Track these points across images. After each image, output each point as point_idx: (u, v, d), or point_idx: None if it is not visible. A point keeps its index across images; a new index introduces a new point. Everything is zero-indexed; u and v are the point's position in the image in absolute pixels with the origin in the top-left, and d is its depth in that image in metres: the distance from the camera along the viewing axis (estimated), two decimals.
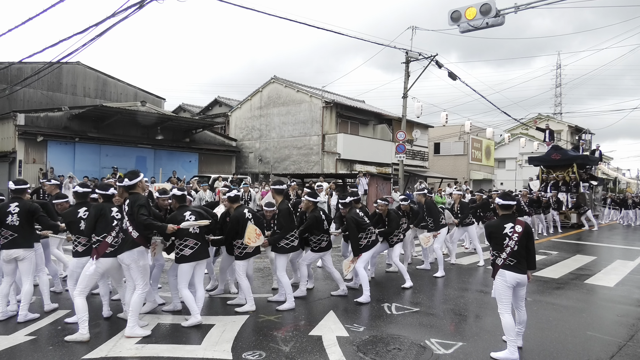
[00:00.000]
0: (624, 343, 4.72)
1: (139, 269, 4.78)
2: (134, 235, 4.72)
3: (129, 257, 4.73)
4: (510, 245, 4.34)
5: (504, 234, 4.39)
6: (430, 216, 8.28)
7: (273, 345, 4.49)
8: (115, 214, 4.96)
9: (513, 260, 4.35)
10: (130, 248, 4.72)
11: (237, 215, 5.64)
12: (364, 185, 17.99)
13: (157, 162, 21.79)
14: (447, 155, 36.44)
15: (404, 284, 7.06)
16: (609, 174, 45.39)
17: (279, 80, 26.03)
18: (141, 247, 4.76)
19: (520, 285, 4.42)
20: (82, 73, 25.71)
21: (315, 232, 6.33)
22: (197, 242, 5.18)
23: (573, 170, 18.97)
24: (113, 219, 4.91)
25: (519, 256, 4.35)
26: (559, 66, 55.38)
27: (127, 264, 4.78)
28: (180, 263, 5.17)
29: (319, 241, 6.35)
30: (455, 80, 17.35)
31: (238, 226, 5.60)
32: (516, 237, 4.34)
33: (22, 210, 5.18)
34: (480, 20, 8.19)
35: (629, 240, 14.58)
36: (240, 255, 5.68)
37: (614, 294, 6.98)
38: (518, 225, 4.41)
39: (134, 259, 4.73)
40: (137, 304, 4.72)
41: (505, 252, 4.35)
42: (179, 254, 5.14)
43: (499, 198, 4.67)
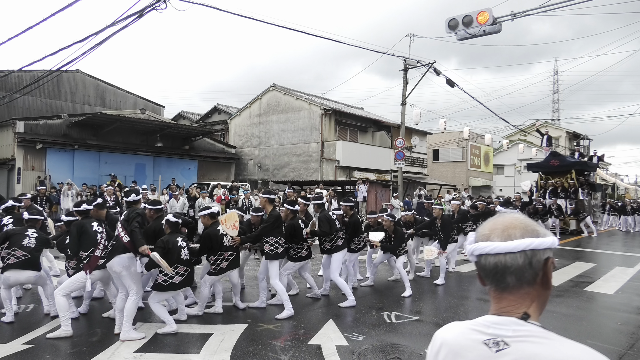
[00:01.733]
0: (624, 352, 4.70)
1: (130, 275, 4.81)
2: (125, 240, 4.75)
3: (119, 263, 4.76)
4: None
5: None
6: (443, 232, 8.12)
7: (272, 354, 4.46)
8: (97, 227, 5.07)
9: None
10: (121, 253, 4.77)
11: (210, 232, 5.70)
12: (363, 192, 18.01)
13: (157, 169, 21.78)
14: (446, 162, 36.48)
15: (404, 293, 7.03)
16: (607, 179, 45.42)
17: (278, 87, 26.11)
18: (131, 253, 4.80)
19: None
20: (82, 81, 25.76)
21: (294, 241, 6.34)
22: (187, 269, 5.29)
23: (572, 176, 19.00)
24: (95, 233, 5.02)
25: None
26: (556, 72, 55.72)
27: (118, 271, 4.81)
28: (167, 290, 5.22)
29: (299, 250, 6.36)
30: (454, 87, 17.43)
31: (210, 243, 5.67)
32: None
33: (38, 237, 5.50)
34: (477, 28, 8.25)
35: (628, 247, 14.56)
36: (214, 272, 5.73)
37: (614, 302, 6.96)
38: None
39: (125, 265, 4.77)
40: (132, 309, 4.73)
41: None
42: (167, 282, 5.15)
43: (500, 206, 4.66)
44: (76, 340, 4.75)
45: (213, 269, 5.74)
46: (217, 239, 5.70)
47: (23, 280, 5.42)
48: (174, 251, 5.23)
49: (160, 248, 5.14)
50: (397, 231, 7.36)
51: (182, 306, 5.67)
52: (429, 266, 8.75)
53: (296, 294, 6.94)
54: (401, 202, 18.26)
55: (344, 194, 19.98)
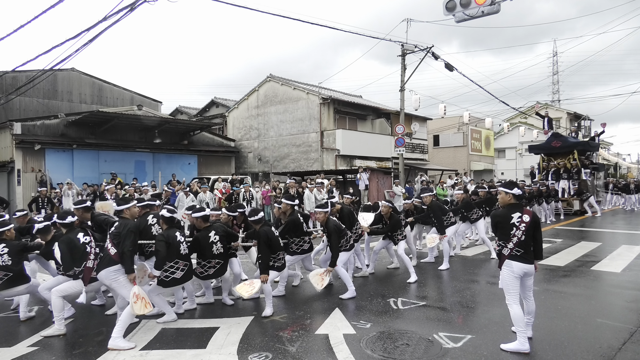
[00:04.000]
0: (635, 329, 4.65)
1: (120, 285, 4.73)
2: (112, 252, 4.68)
3: (106, 275, 4.70)
4: (517, 235, 4.25)
5: (511, 223, 4.30)
6: (435, 218, 8.08)
7: (279, 346, 4.42)
8: (84, 238, 5.02)
9: (520, 250, 4.26)
10: (107, 266, 4.69)
11: (200, 237, 5.64)
12: (364, 180, 17.93)
13: (156, 165, 21.70)
14: (446, 147, 36.31)
15: (409, 279, 6.99)
16: (609, 159, 45.27)
17: (275, 78, 25.91)
18: (118, 265, 4.69)
19: (528, 276, 4.35)
20: (77, 79, 25.60)
21: (297, 234, 6.30)
22: (186, 264, 5.28)
23: (574, 157, 18.90)
24: (84, 245, 4.98)
25: (526, 246, 4.27)
26: (555, 53, 55.22)
27: (107, 284, 4.79)
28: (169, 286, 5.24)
29: (300, 244, 6.33)
30: (452, 71, 17.25)
31: (199, 247, 5.62)
32: (523, 227, 4.25)
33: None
34: (475, 9, 8.09)
35: (633, 225, 14.51)
36: (200, 276, 5.65)
37: (621, 280, 6.91)
38: (525, 214, 4.32)
39: (112, 277, 4.69)
40: (127, 317, 4.60)
41: (512, 242, 4.27)
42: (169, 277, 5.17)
43: (502, 187, 4.58)
44: (82, 341, 4.71)
45: (200, 272, 5.65)
46: (207, 245, 5.61)
47: (14, 294, 5.46)
48: (174, 246, 5.22)
49: (163, 242, 5.11)
50: (392, 217, 7.33)
51: (181, 302, 5.66)
52: (432, 252, 8.71)
53: (299, 283, 6.96)
54: (403, 189, 18.18)
55: (345, 183, 19.90)
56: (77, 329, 5.10)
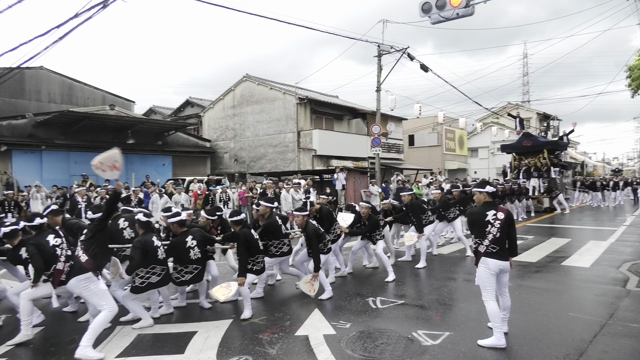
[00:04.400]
0: (605, 322, 4.82)
1: (91, 295, 4.57)
2: (83, 260, 4.52)
3: (76, 284, 4.53)
4: (492, 232, 4.36)
5: (486, 221, 4.41)
6: (414, 216, 8.21)
7: (259, 348, 4.39)
8: (54, 240, 4.90)
9: (495, 247, 4.36)
10: (77, 274, 4.52)
11: (176, 242, 5.54)
12: (341, 180, 17.99)
13: (130, 166, 21.21)
14: (421, 147, 36.82)
15: (387, 278, 7.05)
16: (576, 158, 46.77)
17: (252, 78, 25.73)
18: (89, 273, 4.51)
19: (503, 273, 4.46)
20: (46, 78, 24.78)
21: (275, 237, 6.26)
22: (163, 268, 5.21)
23: (544, 156, 19.44)
24: (54, 247, 4.86)
25: (501, 243, 4.38)
26: (525, 55, 56.74)
27: (78, 293, 4.65)
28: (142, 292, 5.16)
29: (280, 246, 6.28)
30: (427, 72, 17.49)
31: (176, 253, 5.54)
32: (498, 224, 4.36)
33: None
34: (450, 11, 8.23)
35: (600, 221, 15.03)
36: (176, 282, 5.56)
37: (590, 274, 7.15)
38: (500, 212, 4.43)
39: (82, 286, 4.52)
40: (99, 325, 4.44)
41: (488, 239, 4.38)
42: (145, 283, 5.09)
43: (476, 188, 4.71)
44: (54, 350, 4.56)
45: (175, 277, 5.55)
46: (184, 250, 5.49)
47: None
48: (152, 251, 5.13)
49: (139, 249, 5.01)
50: (371, 218, 7.39)
51: (157, 306, 5.55)
52: (409, 250, 8.81)
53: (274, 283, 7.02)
54: (379, 189, 18.33)
55: (322, 183, 19.93)
56: (48, 337, 4.93)
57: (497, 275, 4.43)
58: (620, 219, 15.50)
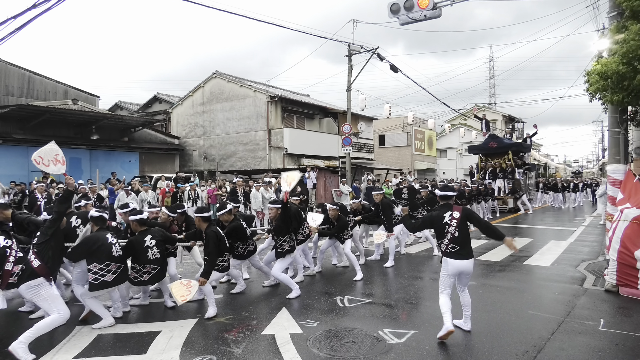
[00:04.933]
0: (562, 319, 4.99)
1: (42, 300, 4.39)
2: (35, 265, 4.35)
3: (27, 290, 4.35)
4: (450, 232, 4.46)
5: (444, 223, 4.51)
6: (385, 216, 8.30)
7: (224, 348, 4.32)
8: (4, 242, 4.68)
9: (455, 246, 4.45)
10: (27, 280, 4.33)
11: (134, 241, 5.43)
12: (312, 179, 17.99)
13: (94, 163, 20.54)
14: (391, 147, 37.26)
15: (355, 277, 7.08)
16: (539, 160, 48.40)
17: (221, 75, 25.38)
18: (40, 278, 4.34)
19: (464, 274, 4.55)
20: (4, 70, 23.63)
21: (240, 239, 6.29)
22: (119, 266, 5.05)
23: (509, 157, 20.03)
24: (4, 248, 4.64)
25: (460, 242, 4.45)
26: (491, 59, 58.24)
27: (28, 298, 4.46)
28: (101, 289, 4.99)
29: (245, 247, 6.38)
30: (397, 72, 17.71)
31: (134, 251, 5.41)
32: (455, 224, 4.46)
33: None
34: (418, 13, 8.34)
35: (560, 222, 15.60)
36: (134, 282, 5.43)
37: (550, 273, 7.40)
38: (455, 211, 4.53)
39: (33, 292, 4.34)
40: (46, 325, 4.29)
41: (447, 238, 4.48)
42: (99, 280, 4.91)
43: (438, 190, 4.82)
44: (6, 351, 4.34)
45: (134, 277, 5.42)
46: (142, 250, 5.37)
47: None
48: (104, 249, 4.95)
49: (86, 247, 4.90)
50: (340, 219, 7.42)
51: (118, 303, 5.40)
52: (378, 249, 8.89)
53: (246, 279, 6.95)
54: (350, 188, 18.43)
55: None
56: (1, 339, 4.70)
57: (459, 275, 4.54)
58: (579, 220, 16.13)
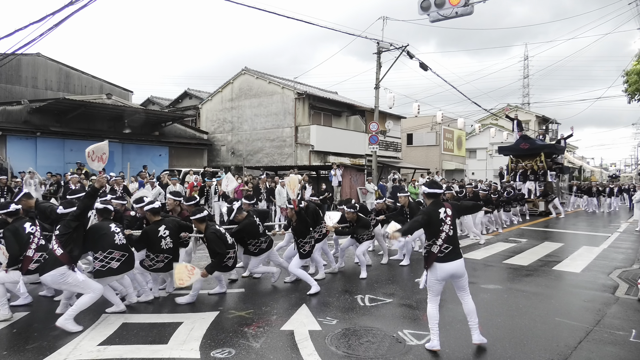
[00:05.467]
0: (591, 328, 4.80)
1: (73, 287, 4.63)
2: (58, 253, 4.54)
3: (53, 279, 4.56)
4: (445, 230, 4.17)
5: (440, 219, 4.21)
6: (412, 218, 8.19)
7: (243, 342, 4.36)
8: (30, 228, 4.94)
9: (449, 246, 4.16)
10: (52, 268, 4.54)
11: (149, 230, 5.62)
12: (338, 177, 17.95)
13: (125, 156, 21.12)
14: (419, 146, 36.81)
15: (361, 275, 7.11)
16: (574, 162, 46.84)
17: (250, 71, 25.63)
18: (64, 266, 4.55)
19: (457, 277, 4.21)
20: (43, 65, 24.62)
21: (254, 236, 6.37)
22: (123, 254, 5.19)
23: (541, 159, 19.42)
24: (29, 234, 4.90)
25: (453, 241, 4.21)
26: (526, 57, 56.67)
27: (56, 287, 4.66)
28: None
29: (258, 244, 6.41)
30: (427, 70, 17.44)
31: (148, 241, 5.60)
32: (449, 221, 4.22)
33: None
34: (449, 10, 8.17)
35: (594, 227, 15.04)
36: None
37: (580, 280, 7.14)
38: (447, 208, 4.29)
39: (59, 281, 4.55)
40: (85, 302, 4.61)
41: (441, 238, 4.15)
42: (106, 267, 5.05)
43: (424, 187, 4.50)
44: (36, 335, 4.53)
45: (149, 265, 5.66)
46: (156, 239, 5.57)
47: None
48: (107, 237, 5.12)
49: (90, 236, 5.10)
50: (359, 220, 7.35)
51: (130, 289, 5.58)
52: (402, 250, 8.78)
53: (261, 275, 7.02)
54: (375, 187, 18.31)
55: (318, 179, 19.89)
56: (31, 323, 4.89)
57: (454, 281, 4.23)
58: (614, 225, 15.51)
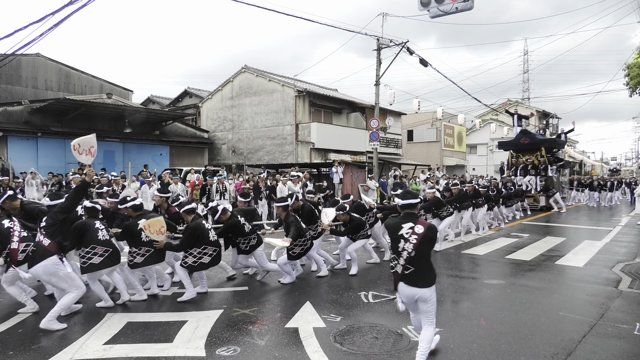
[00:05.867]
0: (595, 322, 4.82)
1: (61, 281, 4.62)
2: (46, 244, 4.55)
3: (44, 270, 4.56)
4: (407, 249, 3.60)
5: (399, 235, 3.67)
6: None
7: (248, 339, 4.38)
8: (9, 223, 5.05)
9: (409, 267, 3.61)
10: (41, 259, 4.56)
11: (130, 224, 5.73)
12: (339, 174, 17.96)
13: (126, 156, 21.15)
14: (420, 142, 36.80)
15: (351, 271, 7.14)
16: (575, 157, 46.82)
17: (250, 69, 25.60)
18: (54, 256, 4.57)
19: (421, 301, 3.65)
20: (43, 65, 24.61)
21: (240, 235, 6.42)
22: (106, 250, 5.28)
23: (541, 153, 19.39)
24: (8, 229, 5.00)
25: (417, 264, 3.61)
26: (525, 52, 56.52)
27: (46, 279, 4.66)
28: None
29: (247, 242, 6.44)
30: (427, 66, 17.42)
31: (129, 234, 5.70)
32: (414, 240, 3.59)
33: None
34: (449, 5, 8.15)
35: (595, 221, 15.05)
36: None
37: (583, 274, 7.15)
38: (419, 225, 3.65)
39: (51, 271, 4.56)
40: (67, 303, 4.61)
41: (403, 257, 3.62)
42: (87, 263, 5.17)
43: (397, 198, 4.00)
44: (41, 334, 4.54)
45: (129, 260, 5.73)
46: (136, 232, 5.64)
47: None
48: (90, 234, 5.23)
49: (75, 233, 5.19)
50: (352, 220, 7.34)
51: (122, 285, 5.64)
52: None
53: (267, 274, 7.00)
54: (377, 183, 18.32)
55: (319, 177, 19.90)
56: (36, 323, 4.90)
57: (419, 304, 3.68)
58: (615, 219, 15.52)
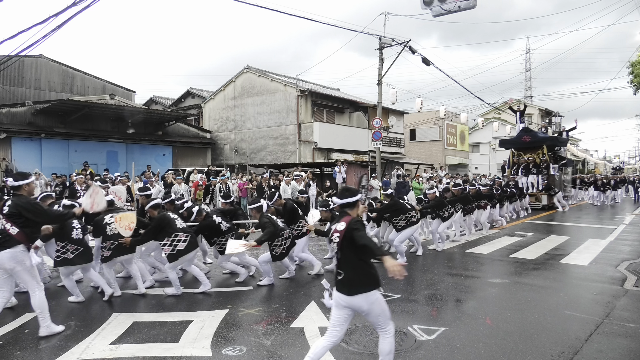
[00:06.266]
0: (601, 321, 4.81)
1: (26, 272, 4.45)
2: (13, 232, 4.35)
3: (11, 258, 4.34)
4: (335, 250, 3.34)
5: (330, 238, 3.38)
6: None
7: (254, 339, 4.38)
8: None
9: (340, 272, 3.23)
10: (10, 246, 4.34)
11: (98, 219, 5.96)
12: (342, 173, 17.96)
13: (129, 156, 21.21)
14: (422, 142, 36.74)
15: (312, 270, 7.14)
16: (577, 155, 46.69)
17: (252, 69, 25.62)
18: (21, 245, 4.39)
19: (361, 312, 3.20)
20: (46, 66, 24.67)
21: (216, 236, 6.59)
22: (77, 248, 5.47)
23: (543, 152, 19.25)
24: None
25: (345, 267, 3.20)
26: (528, 50, 56.34)
27: (10, 267, 4.37)
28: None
29: (224, 242, 6.50)
30: (429, 65, 17.40)
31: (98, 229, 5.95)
32: (337, 239, 3.22)
33: None
34: (452, 4, 8.15)
35: (599, 220, 15.01)
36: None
37: (588, 273, 7.13)
38: (342, 222, 3.26)
39: (18, 259, 4.37)
40: (41, 304, 4.51)
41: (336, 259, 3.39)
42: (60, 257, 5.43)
43: (335, 197, 3.65)
44: (48, 335, 4.56)
45: (100, 256, 5.98)
46: (102, 226, 5.88)
47: None
48: (65, 231, 5.46)
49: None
50: (334, 219, 7.30)
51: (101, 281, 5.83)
52: (418, 243, 8.76)
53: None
54: (380, 183, 18.31)
55: (322, 176, 19.91)
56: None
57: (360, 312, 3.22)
58: (619, 218, 15.47)
